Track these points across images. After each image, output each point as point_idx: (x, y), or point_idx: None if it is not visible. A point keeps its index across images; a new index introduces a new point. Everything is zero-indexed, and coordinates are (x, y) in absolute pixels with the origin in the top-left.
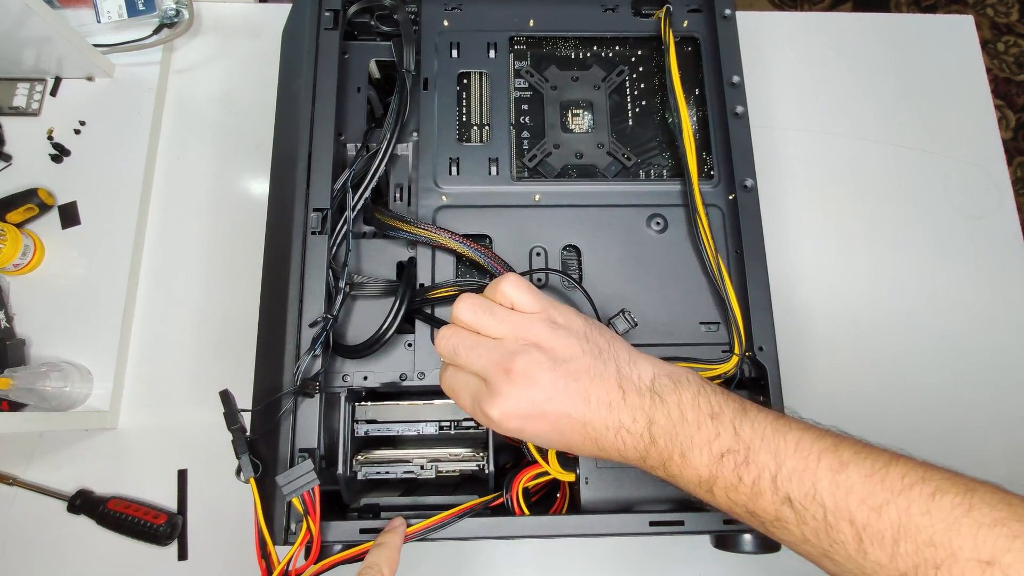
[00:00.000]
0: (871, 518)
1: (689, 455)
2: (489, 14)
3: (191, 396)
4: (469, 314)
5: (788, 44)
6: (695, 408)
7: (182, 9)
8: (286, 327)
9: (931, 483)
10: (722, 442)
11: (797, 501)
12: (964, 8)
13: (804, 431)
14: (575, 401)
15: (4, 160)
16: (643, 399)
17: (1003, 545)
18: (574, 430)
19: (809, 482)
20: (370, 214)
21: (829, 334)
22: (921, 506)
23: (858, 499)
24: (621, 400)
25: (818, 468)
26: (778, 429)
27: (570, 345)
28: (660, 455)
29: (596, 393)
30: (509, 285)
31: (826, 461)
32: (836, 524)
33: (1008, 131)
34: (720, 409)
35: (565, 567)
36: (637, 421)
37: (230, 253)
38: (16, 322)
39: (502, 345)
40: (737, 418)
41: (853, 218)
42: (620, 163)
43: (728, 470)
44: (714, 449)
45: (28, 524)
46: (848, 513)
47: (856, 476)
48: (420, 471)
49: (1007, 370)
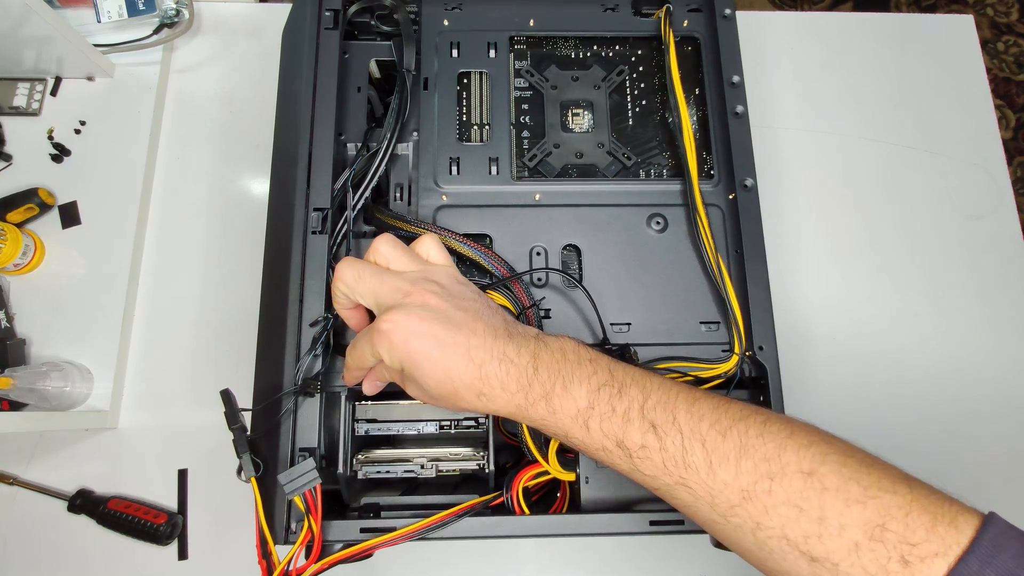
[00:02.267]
0: (718, 440)
1: (570, 386)
2: (489, 14)
3: (191, 396)
4: (387, 245)
5: (788, 44)
6: (575, 352)
7: (182, 9)
8: (286, 327)
9: (761, 415)
10: (599, 378)
11: (660, 427)
12: (964, 8)
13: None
14: (462, 327)
15: (4, 160)
16: (528, 340)
17: (818, 460)
18: (458, 353)
19: (670, 411)
20: (370, 214)
21: (829, 333)
22: (756, 429)
23: (708, 424)
24: (507, 336)
25: (677, 400)
26: (646, 373)
27: (465, 292)
28: (543, 386)
29: (483, 327)
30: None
31: (683, 396)
32: (691, 447)
33: (1008, 131)
34: (597, 356)
35: (565, 567)
36: (522, 355)
37: (230, 253)
38: (16, 322)
39: (405, 275)
40: (612, 364)
41: (853, 218)
42: (620, 163)
43: (603, 401)
44: (592, 382)
45: (28, 524)
46: (701, 436)
47: (706, 407)
48: (420, 470)
49: (1007, 370)
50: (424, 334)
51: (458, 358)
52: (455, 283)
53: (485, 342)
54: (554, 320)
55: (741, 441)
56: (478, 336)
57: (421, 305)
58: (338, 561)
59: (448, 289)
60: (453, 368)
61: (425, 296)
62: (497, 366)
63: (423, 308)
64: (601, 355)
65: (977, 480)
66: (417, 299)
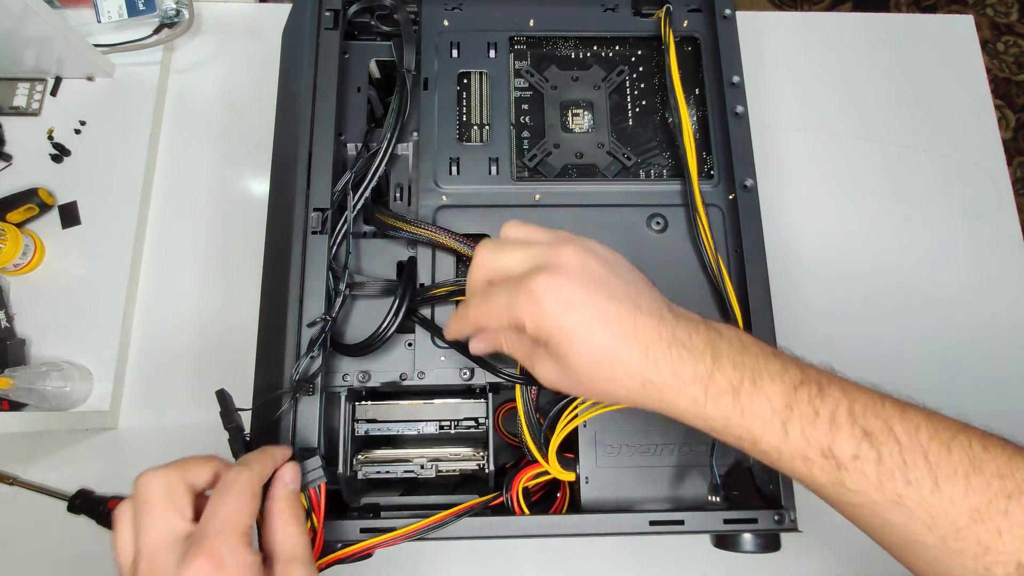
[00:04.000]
0: (943, 453)
1: (761, 382)
2: (489, 14)
3: (191, 396)
4: (517, 229)
5: (788, 44)
6: (756, 344)
7: (182, 9)
8: (286, 327)
9: (975, 429)
10: (792, 375)
11: (875, 436)
12: (964, 8)
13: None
14: (625, 300)
15: (4, 160)
16: (698, 325)
17: None
18: (623, 329)
19: (882, 418)
20: (370, 214)
21: (829, 333)
22: (980, 442)
23: (928, 435)
24: (673, 318)
25: (885, 406)
26: (835, 375)
27: (618, 259)
28: (728, 380)
29: (647, 303)
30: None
31: (891, 401)
32: (912, 460)
33: (1008, 131)
34: (777, 350)
35: (565, 567)
36: (695, 340)
37: (230, 253)
38: (16, 322)
39: (556, 234)
40: (797, 360)
41: (853, 218)
42: (620, 163)
43: (804, 402)
44: (786, 380)
45: (28, 524)
46: (922, 448)
47: (919, 416)
48: (420, 470)
49: (1007, 370)
50: (585, 304)
51: (622, 336)
52: (605, 249)
53: (651, 320)
54: None
55: (968, 455)
56: (643, 313)
57: (581, 267)
58: (338, 560)
59: (602, 255)
60: (616, 349)
61: (584, 256)
62: (668, 349)
63: (584, 271)
64: (784, 350)
65: None
66: (575, 258)
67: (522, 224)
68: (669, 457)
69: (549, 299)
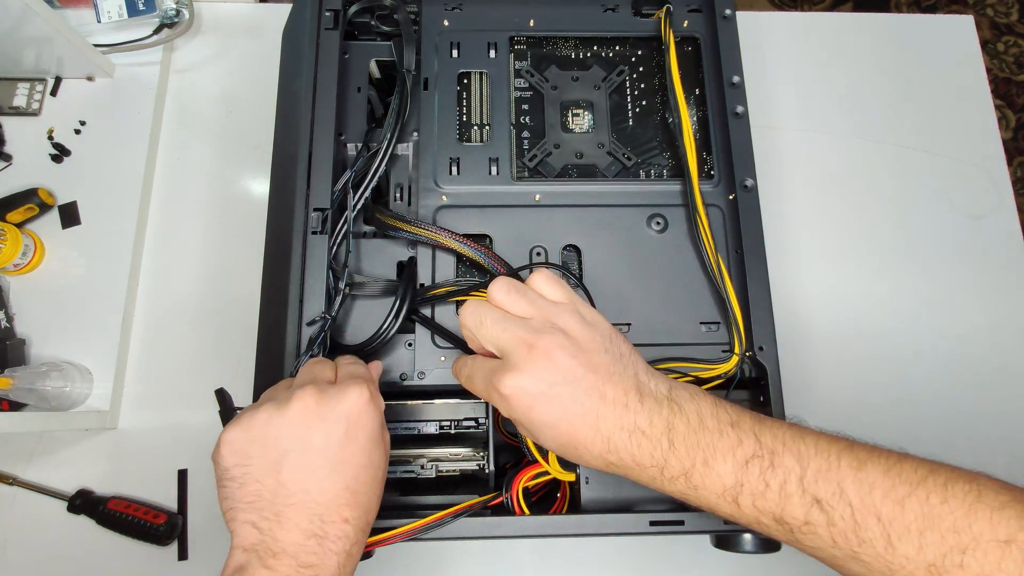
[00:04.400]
0: (896, 512)
1: (713, 462)
2: (489, 14)
3: (191, 396)
4: (503, 292)
5: (788, 44)
6: (714, 417)
7: (182, 9)
8: (286, 327)
9: (941, 475)
10: (745, 449)
11: (826, 502)
12: (964, 8)
13: (819, 435)
14: (590, 393)
15: (4, 160)
16: (660, 405)
17: (1015, 525)
18: (585, 423)
19: (834, 482)
20: (370, 214)
21: (829, 333)
22: (938, 495)
23: (881, 494)
24: (638, 403)
25: (840, 467)
26: (795, 434)
27: (594, 339)
28: (681, 463)
29: (613, 391)
30: (540, 276)
31: (846, 460)
32: (864, 522)
33: (1008, 131)
34: (738, 419)
35: (565, 567)
36: (655, 425)
37: (230, 253)
38: (16, 322)
39: (529, 323)
40: (756, 426)
41: (853, 218)
42: (620, 163)
43: (754, 476)
44: (738, 456)
45: (28, 524)
46: (875, 509)
47: (875, 472)
48: (420, 471)
49: (1008, 370)
50: (549, 401)
51: (585, 429)
52: (583, 326)
53: (615, 411)
54: None
55: (923, 511)
56: (606, 405)
57: (546, 365)
58: None
59: (576, 339)
60: (579, 437)
61: (551, 352)
62: (627, 439)
63: (548, 369)
64: (743, 412)
65: None
66: (541, 358)
67: (508, 288)
68: None
69: (515, 399)
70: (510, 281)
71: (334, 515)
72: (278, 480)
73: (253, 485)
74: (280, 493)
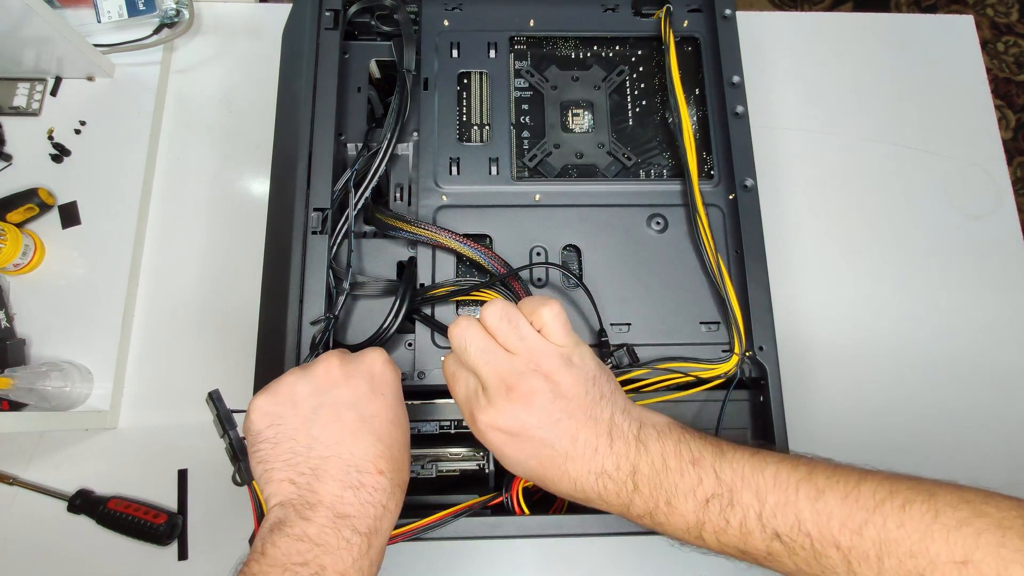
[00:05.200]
0: (854, 540)
1: (675, 502)
2: (489, 14)
3: (191, 396)
4: (495, 319)
5: (788, 44)
6: (677, 456)
7: (182, 9)
8: (286, 327)
9: (899, 495)
10: (705, 488)
11: (784, 535)
12: (964, 8)
13: (780, 463)
14: (562, 437)
15: (4, 160)
16: (628, 447)
17: (971, 543)
18: (554, 464)
19: (792, 515)
20: (370, 214)
21: (829, 333)
22: (895, 519)
23: (839, 523)
24: (608, 447)
25: (798, 499)
26: (755, 467)
27: (576, 384)
28: (645, 504)
29: (585, 435)
30: (549, 311)
31: (804, 491)
32: (824, 551)
33: (1008, 131)
34: (700, 455)
35: (565, 567)
36: (620, 469)
37: (230, 253)
38: (16, 322)
39: (513, 361)
40: (717, 462)
41: (853, 218)
42: (620, 163)
43: (715, 514)
44: (698, 495)
45: (28, 524)
46: (832, 539)
47: (833, 501)
48: (420, 470)
49: (1007, 370)
50: (521, 441)
51: (553, 469)
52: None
53: (584, 456)
54: None
55: (880, 536)
56: (577, 449)
57: (523, 408)
58: None
59: (558, 383)
60: (547, 475)
61: (529, 397)
62: (594, 481)
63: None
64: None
65: (977, 481)
66: (519, 401)
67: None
68: None
69: (489, 434)
70: (506, 307)
71: (370, 466)
72: (311, 435)
73: (287, 443)
74: (315, 448)
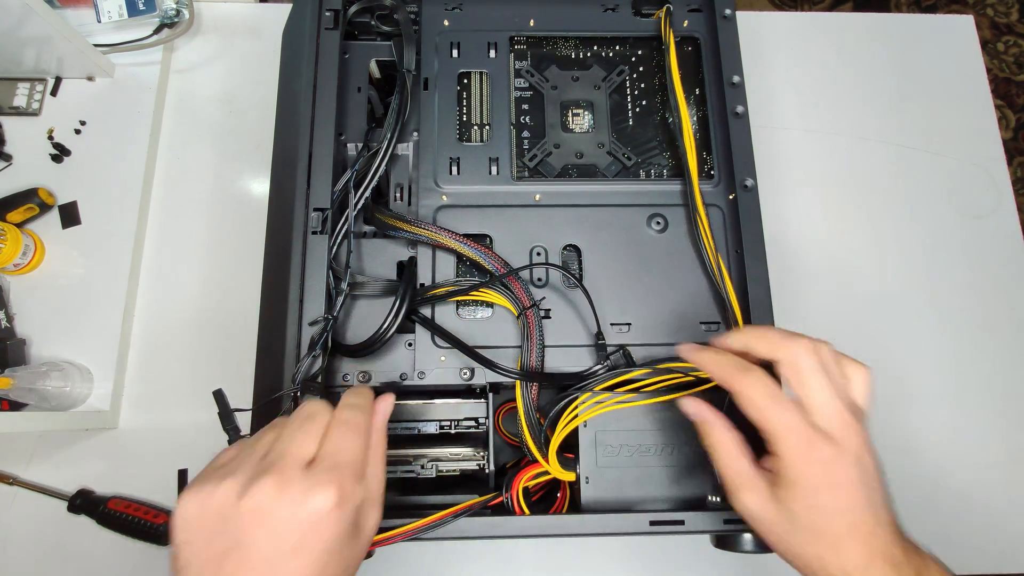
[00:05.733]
0: None
1: None
2: (489, 14)
3: (191, 396)
4: (821, 361)
5: (788, 44)
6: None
7: (182, 9)
8: (286, 327)
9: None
10: None
11: None
12: (964, 8)
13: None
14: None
15: (4, 160)
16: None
17: None
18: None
19: None
20: (370, 214)
21: (829, 333)
22: None
23: None
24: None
25: None
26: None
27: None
28: None
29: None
30: (862, 376)
31: None
32: None
33: (1008, 131)
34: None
35: (565, 567)
36: None
37: (230, 253)
38: (16, 322)
39: (828, 426)
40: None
41: (853, 218)
42: (620, 163)
43: None
44: None
45: (28, 524)
46: None
47: None
48: (420, 470)
49: (1007, 370)
50: (796, 533)
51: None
52: (870, 456)
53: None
54: (554, 320)
55: None
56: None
57: (828, 500)
58: None
59: (866, 468)
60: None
61: (849, 488)
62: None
63: (826, 506)
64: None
65: (977, 481)
66: (826, 491)
67: (826, 365)
68: (669, 457)
69: (762, 520)
70: (828, 352)
71: None
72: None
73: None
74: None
